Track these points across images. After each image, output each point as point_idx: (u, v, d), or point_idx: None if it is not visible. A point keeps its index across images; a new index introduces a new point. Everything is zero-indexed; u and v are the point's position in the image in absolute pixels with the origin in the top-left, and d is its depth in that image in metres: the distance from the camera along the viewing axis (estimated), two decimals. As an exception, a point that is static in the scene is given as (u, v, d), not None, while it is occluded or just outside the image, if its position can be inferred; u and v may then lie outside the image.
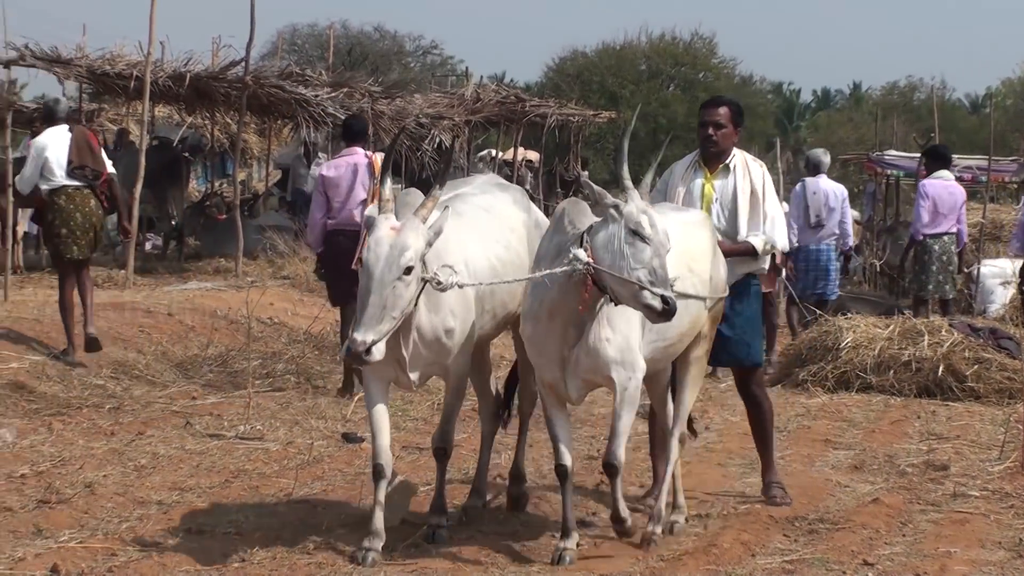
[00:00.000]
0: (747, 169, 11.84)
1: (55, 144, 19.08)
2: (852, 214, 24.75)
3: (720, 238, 11.64)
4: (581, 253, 9.27)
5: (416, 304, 9.53)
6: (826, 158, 24.73)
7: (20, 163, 21.44)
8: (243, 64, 28.81)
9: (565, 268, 9.34)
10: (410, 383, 10.42)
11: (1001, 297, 24.96)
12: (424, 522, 10.83)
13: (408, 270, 9.09)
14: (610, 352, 9.84)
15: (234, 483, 12.59)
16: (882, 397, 18.01)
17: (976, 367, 18.20)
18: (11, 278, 23.01)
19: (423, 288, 9.49)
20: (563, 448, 10.02)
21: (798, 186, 23.73)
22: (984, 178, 36.86)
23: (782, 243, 12.06)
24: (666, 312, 9.02)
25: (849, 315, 21.04)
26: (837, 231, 22.91)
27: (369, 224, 9.43)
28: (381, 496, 9.95)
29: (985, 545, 11.13)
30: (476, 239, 10.50)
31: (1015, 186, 29.89)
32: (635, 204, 9.32)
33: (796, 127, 66.03)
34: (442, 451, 10.70)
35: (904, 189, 38.56)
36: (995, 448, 14.62)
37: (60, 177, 18.97)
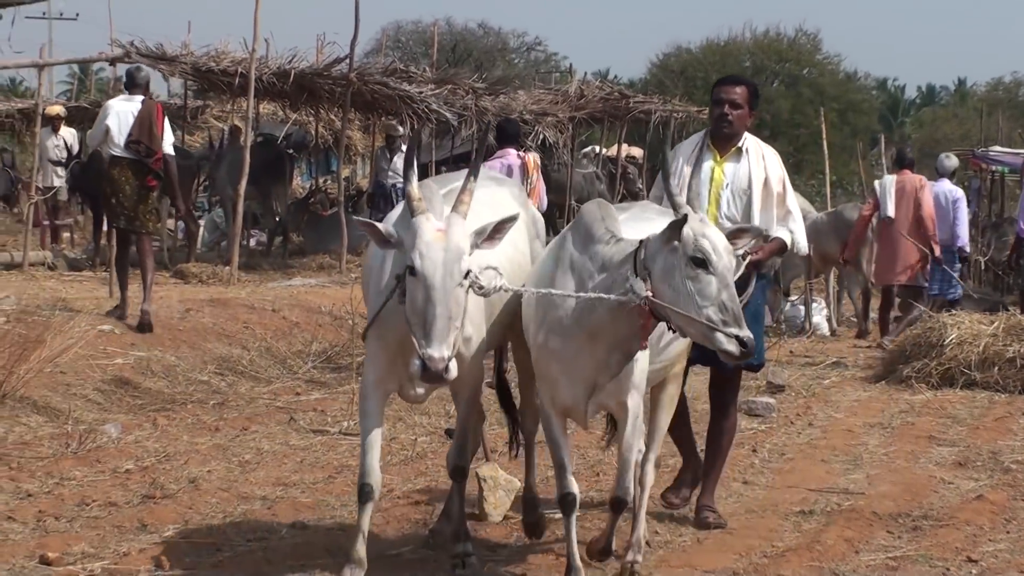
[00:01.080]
0: (762, 156, 10.49)
1: (122, 114, 19.93)
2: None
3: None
4: (640, 285, 7.89)
5: None
6: (948, 162, 24.66)
7: (89, 161, 22.42)
8: (347, 61, 28.94)
9: (621, 299, 7.99)
10: (419, 395, 9.26)
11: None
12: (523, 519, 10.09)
13: (466, 275, 7.86)
14: (635, 377, 8.56)
15: (337, 479, 12.62)
16: (987, 394, 17.92)
17: (1081, 361, 18.10)
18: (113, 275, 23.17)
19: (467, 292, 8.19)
20: (569, 476, 8.66)
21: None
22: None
23: (804, 245, 10.94)
24: (744, 355, 7.72)
25: (954, 312, 20.99)
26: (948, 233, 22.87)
27: (389, 236, 8.12)
28: (365, 522, 8.74)
29: (1093, 544, 11.07)
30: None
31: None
32: (692, 227, 7.79)
33: (901, 123, 65.75)
34: (460, 470, 9.32)
35: (1009, 185, 38.41)
36: (1102, 445, 14.54)
37: (117, 148, 19.76)
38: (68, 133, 27.76)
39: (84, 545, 10.38)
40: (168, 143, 20.26)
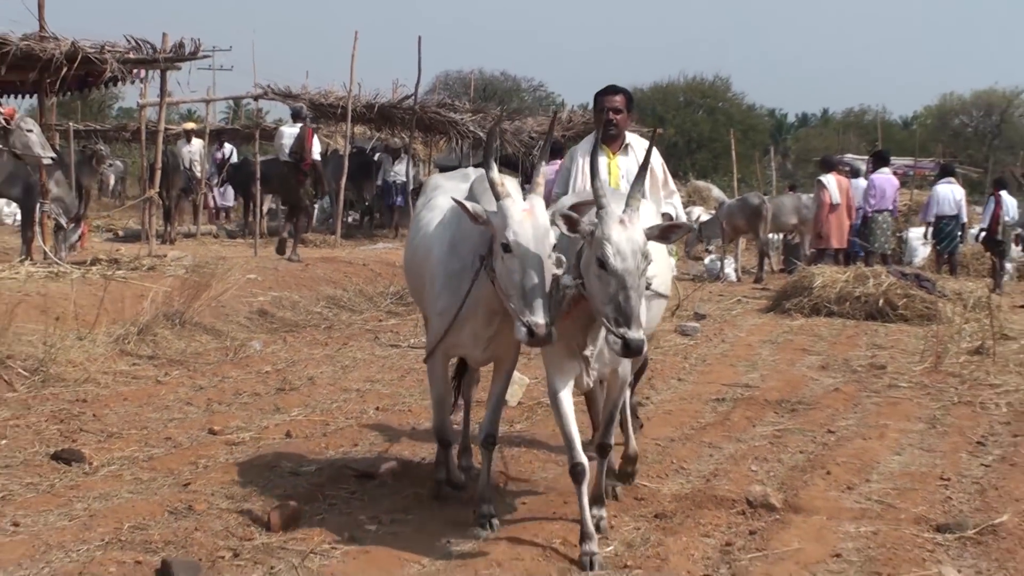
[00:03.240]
0: (644, 149, 8.41)
1: (288, 135, 22.70)
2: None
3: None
4: (567, 279, 6.65)
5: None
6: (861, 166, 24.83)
7: (269, 164, 23.27)
8: (413, 97, 29.06)
9: (557, 298, 6.70)
10: (479, 360, 7.97)
11: (921, 253, 24.81)
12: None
13: (554, 248, 6.66)
14: None
15: (407, 377, 12.62)
16: (841, 320, 17.92)
17: (905, 300, 18.18)
18: (258, 241, 23.22)
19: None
20: (579, 447, 6.98)
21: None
22: (911, 172, 36.64)
23: (683, 216, 9.74)
24: (627, 354, 6.33)
25: (821, 265, 21.08)
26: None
27: (476, 213, 6.81)
28: (452, 461, 8.00)
29: (910, 420, 11.07)
30: None
31: (932, 177, 29.55)
32: (604, 229, 6.32)
33: (784, 139, 65.45)
34: (491, 438, 7.66)
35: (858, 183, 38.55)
36: (917, 354, 14.53)
37: (284, 156, 22.47)
38: (198, 143, 27.86)
39: (238, 421, 10.44)
40: (316, 153, 22.42)
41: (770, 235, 25.29)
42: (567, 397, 7.04)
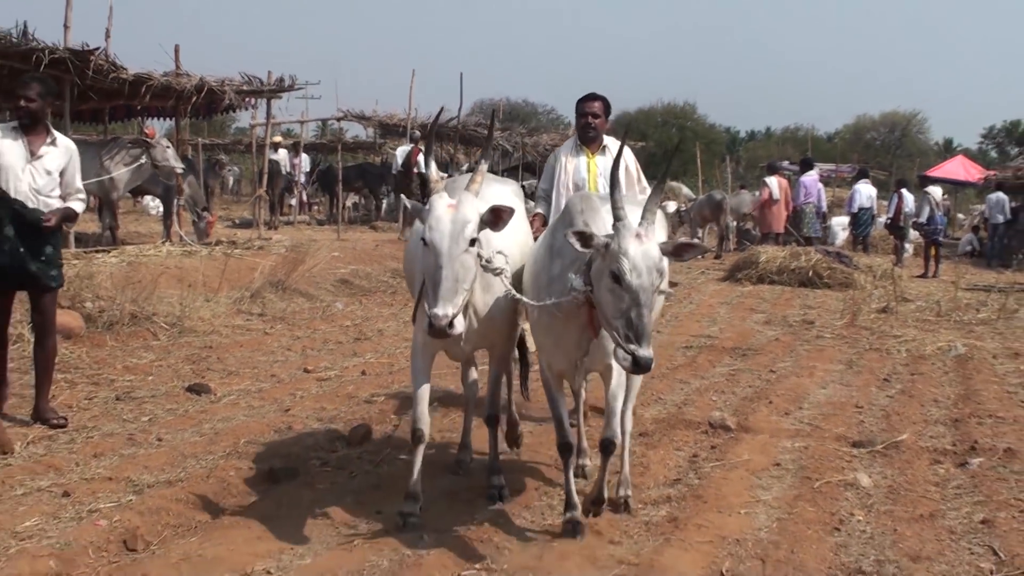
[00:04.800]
0: (624, 151, 7.00)
1: (400, 153, 23.72)
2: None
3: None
4: (578, 282, 5.24)
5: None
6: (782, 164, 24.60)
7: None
8: (456, 118, 29.06)
9: (567, 299, 5.32)
10: (461, 353, 6.40)
11: (841, 236, 24.76)
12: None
13: (473, 242, 5.37)
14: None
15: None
16: (780, 287, 17.88)
17: (829, 271, 18.17)
18: (340, 227, 23.19)
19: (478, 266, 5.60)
20: (567, 426, 5.85)
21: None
22: (833, 175, 36.47)
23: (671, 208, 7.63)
24: (636, 371, 4.95)
25: (766, 245, 21.04)
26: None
27: (416, 210, 5.53)
28: (419, 459, 5.96)
29: (832, 362, 11.06)
30: (507, 229, 5.90)
31: (850, 179, 29.39)
32: (620, 242, 4.95)
33: (737, 150, 65.24)
34: (493, 417, 6.55)
35: (794, 182, 38.40)
36: (838, 313, 14.51)
37: (396, 168, 23.64)
38: (283, 152, 27.74)
39: (325, 363, 10.44)
40: (421, 165, 21.07)
41: (729, 222, 25.17)
42: (557, 383, 5.86)
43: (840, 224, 25.60)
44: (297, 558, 5.27)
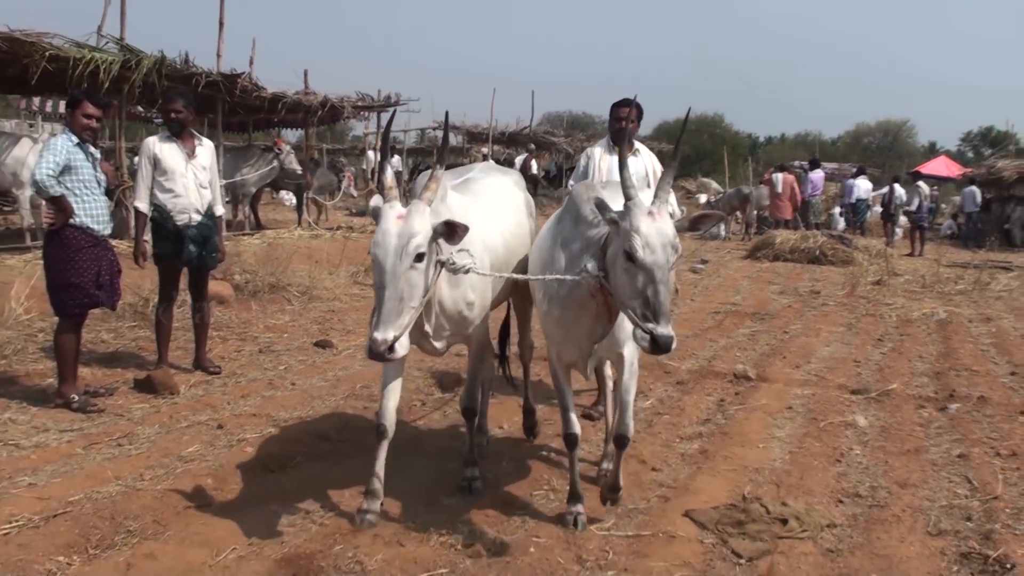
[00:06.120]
0: (649, 154, 6.96)
1: (518, 160, 23.50)
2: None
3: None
4: (592, 265, 4.22)
5: (436, 282, 4.44)
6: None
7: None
8: (528, 127, 29.05)
9: (575, 278, 4.30)
10: (435, 350, 4.95)
11: (842, 223, 24.33)
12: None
13: (419, 257, 4.13)
14: (626, 330, 4.47)
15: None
16: (792, 263, 17.61)
17: (833, 251, 17.85)
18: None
19: (440, 271, 4.39)
20: (573, 417, 4.78)
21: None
22: (836, 172, 35.94)
23: (677, 210, 6.05)
24: (656, 351, 3.86)
25: (781, 229, 20.78)
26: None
27: (375, 214, 4.26)
28: (382, 455, 4.81)
29: (835, 325, 10.89)
30: (491, 218, 5.15)
31: (851, 174, 28.86)
32: (631, 220, 3.98)
33: (757, 153, 64.34)
34: (470, 410, 5.32)
35: (803, 179, 37.88)
36: (840, 285, 14.28)
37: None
38: (370, 153, 27.51)
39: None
40: (534, 169, 22.51)
41: (753, 212, 24.82)
42: (563, 372, 4.78)
43: (841, 214, 25.24)
44: (398, 473, 5.31)
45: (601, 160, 6.83)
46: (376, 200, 4.37)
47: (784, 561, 4.32)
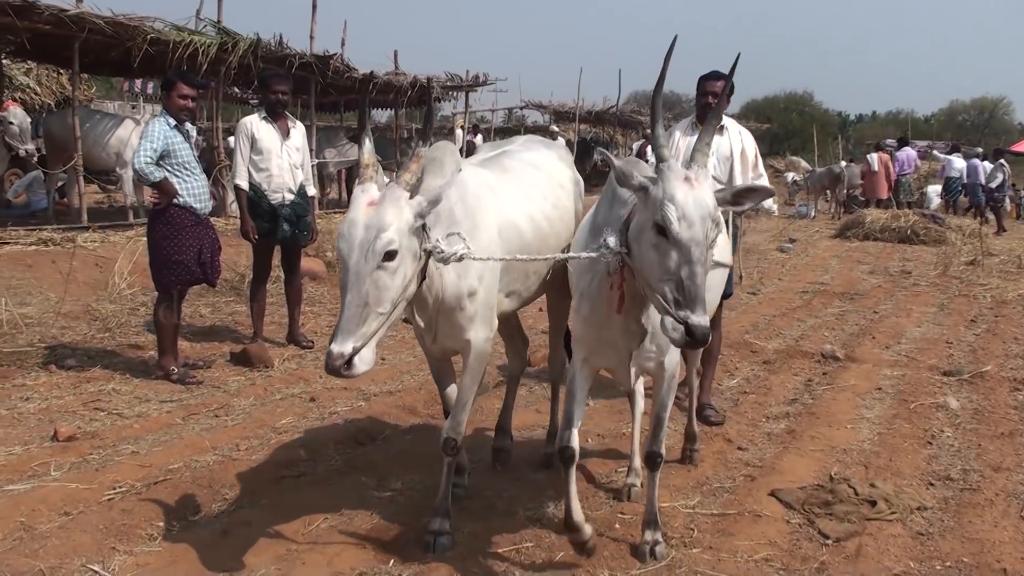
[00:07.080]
0: (739, 132, 5.99)
1: (635, 147, 21.39)
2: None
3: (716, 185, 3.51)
4: (612, 240, 3.36)
5: (428, 272, 3.58)
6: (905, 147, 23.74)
7: None
8: (615, 107, 28.86)
9: (590, 255, 3.51)
10: (431, 351, 4.18)
11: (935, 201, 23.66)
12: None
13: (390, 255, 3.21)
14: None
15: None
16: (883, 243, 17.21)
17: (924, 230, 17.39)
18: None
19: (426, 262, 3.46)
20: (574, 432, 3.85)
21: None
22: (930, 150, 34.94)
23: (770, 203, 6.53)
24: (689, 344, 3.03)
25: (870, 208, 20.34)
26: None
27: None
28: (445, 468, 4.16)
29: (927, 305, 10.63)
30: (519, 198, 4.30)
31: (945, 152, 28.02)
32: (665, 186, 3.12)
33: (848, 131, 62.73)
34: (452, 443, 4.08)
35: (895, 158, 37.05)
36: (932, 264, 13.92)
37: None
38: (459, 132, 27.56)
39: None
40: (649, 155, 21.03)
41: (843, 191, 24.26)
42: (584, 378, 3.92)
43: (935, 191, 24.54)
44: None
45: (680, 140, 5.96)
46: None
47: (872, 543, 4.23)
